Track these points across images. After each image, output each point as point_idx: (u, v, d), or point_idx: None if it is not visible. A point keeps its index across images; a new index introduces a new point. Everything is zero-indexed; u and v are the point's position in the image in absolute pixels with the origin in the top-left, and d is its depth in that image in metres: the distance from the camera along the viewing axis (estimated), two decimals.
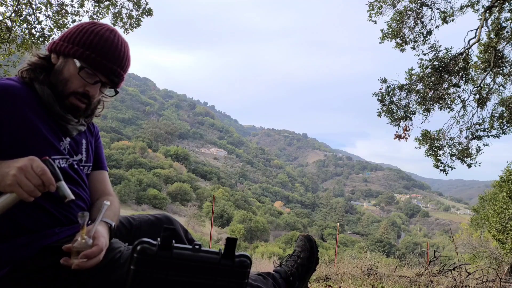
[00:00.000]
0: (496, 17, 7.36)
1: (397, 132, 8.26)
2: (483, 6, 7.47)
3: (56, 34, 6.92)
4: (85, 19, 7.17)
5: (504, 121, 7.78)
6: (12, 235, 1.09)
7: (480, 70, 7.87)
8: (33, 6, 6.61)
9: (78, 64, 1.19)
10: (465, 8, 7.69)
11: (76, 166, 1.28)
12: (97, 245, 1.02)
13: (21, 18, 6.53)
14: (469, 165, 7.97)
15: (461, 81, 7.97)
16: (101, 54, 1.20)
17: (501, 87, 7.94)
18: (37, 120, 1.15)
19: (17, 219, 1.10)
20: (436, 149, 8.21)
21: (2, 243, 1.08)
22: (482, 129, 8.08)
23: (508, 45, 7.42)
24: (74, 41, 1.21)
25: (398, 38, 7.91)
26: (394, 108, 8.17)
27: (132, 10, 7.23)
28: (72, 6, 6.96)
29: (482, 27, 7.36)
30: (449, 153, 8.24)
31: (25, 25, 6.61)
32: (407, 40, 7.96)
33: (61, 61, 1.23)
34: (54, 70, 1.23)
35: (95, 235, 1.05)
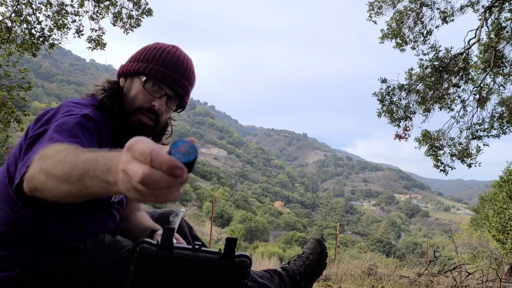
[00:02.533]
0: (496, 17, 7.37)
1: (397, 132, 8.27)
2: (483, 6, 7.48)
3: (56, 34, 6.94)
4: (85, 19, 7.16)
5: (504, 121, 7.78)
6: (30, 241, 1.09)
7: (480, 70, 7.87)
8: (33, 6, 6.61)
9: (143, 79, 1.20)
10: (465, 8, 7.69)
11: (124, 201, 1.35)
12: (183, 243, 1.18)
13: (21, 18, 6.53)
14: (469, 165, 7.97)
15: (461, 81, 7.97)
16: (163, 65, 1.21)
17: (501, 87, 7.95)
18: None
19: (38, 230, 1.09)
20: (436, 149, 8.21)
21: (18, 247, 1.08)
22: (482, 129, 8.09)
23: (508, 45, 7.42)
24: (139, 59, 1.24)
25: (398, 38, 7.91)
26: (394, 108, 8.17)
27: (132, 10, 7.25)
28: (72, 6, 6.97)
29: (482, 27, 7.36)
30: (449, 153, 8.24)
31: (25, 25, 6.62)
32: (407, 40, 7.96)
33: (128, 82, 1.25)
34: (123, 94, 1.25)
35: (176, 236, 1.18)
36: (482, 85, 7.98)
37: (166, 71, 1.20)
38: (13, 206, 1.07)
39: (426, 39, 7.88)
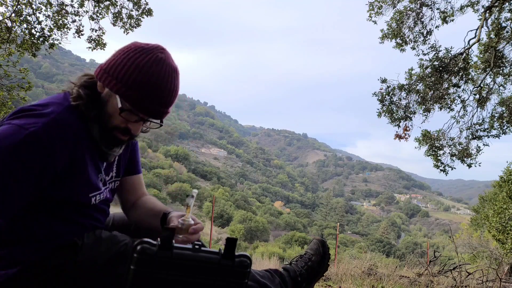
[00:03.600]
0: (496, 17, 7.37)
1: (397, 132, 8.27)
2: (483, 6, 7.48)
3: (56, 34, 6.93)
4: (85, 19, 7.16)
5: (504, 121, 7.78)
6: (28, 239, 1.11)
7: (480, 70, 7.87)
8: (33, 6, 6.61)
9: (119, 104, 1.12)
10: (465, 8, 7.69)
11: (108, 196, 1.32)
12: (199, 223, 1.18)
13: (21, 18, 6.53)
14: (469, 165, 7.97)
15: (461, 81, 7.97)
16: (144, 95, 1.10)
17: (501, 87, 7.95)
18: (85, 157, 1.14)
19: (33, 228, 1.11)
20: (436, 149, 8.21)
21: (16, 245, 1.10)
22: (482, 129, 8.09)
23: (508, 45, 7.43)
24: (118, 77, 1.11)
25: (398, 38, 7.91)
26: (394, 108, 8.17)
27: (132, 10, 7.24)
28: (72, 6, 6.96)
29: (482, 27, 7.36)
30: (449, 153, 8.24)
31: (25, 25, 6.61)
32: (407, 40, 7.96)
33: (106, 92, 1.16)
34: (101, 98, 1.18)
35: (192, 217, 1.18)
36: (482, 85, 7.98)
37: (146, 101, 1.11)
38: None
39: (426, 39, 7.88)
